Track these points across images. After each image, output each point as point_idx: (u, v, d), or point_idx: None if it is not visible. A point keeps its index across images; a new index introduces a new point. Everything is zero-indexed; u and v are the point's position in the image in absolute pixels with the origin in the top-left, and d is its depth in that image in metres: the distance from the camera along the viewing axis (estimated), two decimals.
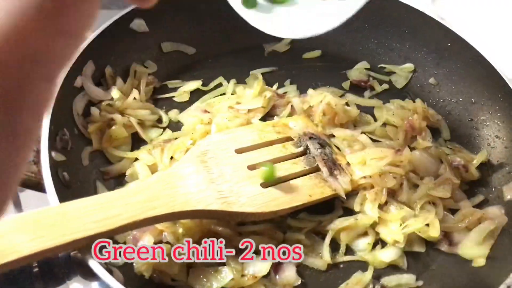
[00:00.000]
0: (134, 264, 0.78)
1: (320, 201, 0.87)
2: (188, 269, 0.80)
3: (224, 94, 1.06)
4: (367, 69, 1.14)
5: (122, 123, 0.95)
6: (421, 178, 0.93)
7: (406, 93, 1.12)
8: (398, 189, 0.91)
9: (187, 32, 1.12)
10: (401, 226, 0.86)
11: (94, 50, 0.95)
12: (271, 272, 0.81)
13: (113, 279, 0.68)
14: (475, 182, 0.96)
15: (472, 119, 1.04)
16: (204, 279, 0.78)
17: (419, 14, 1.09)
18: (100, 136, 0.93)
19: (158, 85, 1.07)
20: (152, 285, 0.78)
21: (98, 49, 0.96)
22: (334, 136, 0.99)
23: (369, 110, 1.07)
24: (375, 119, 1.05)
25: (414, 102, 1.07)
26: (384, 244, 0.87)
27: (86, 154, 0.91)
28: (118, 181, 0.91)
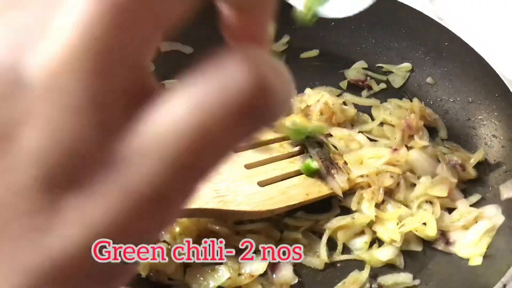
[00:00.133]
0: None
1: (317, 200, 0.87)
2: (185, 268, 0.80)
3: None
4: (365, 68, 1.15)
5: None
6: (418, 177, 0.93)
7: (403, 92, 1.12)
8: (395, 188, 0.91)
9: (185, 31, 1.11)
10: (398, 225, 0.87)
11: None
12: (268, 271, 0.82)
13: None
14: (472, 181, 0.96)
15: (469, 118, 1.05)
16: (201, 278, 0.78)
17: (417, 14, 1.10)
18: None
19: None
20: (148, 284, 0.78)
21: None
22: (331, 135, 0.99)
23: (366, 109, 1.07)
24: (373, 119, 1.05)
25: (411, 101, 1.07)
26: (381, 243, 0.87)
27: None
28: None
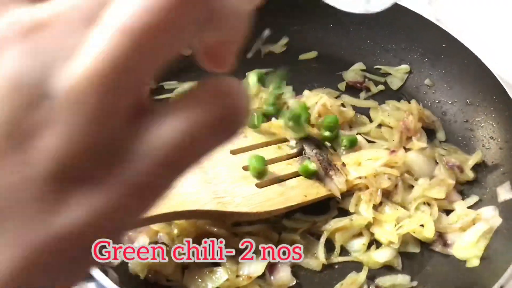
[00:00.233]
0: (129, 264, 0.79)
1: (315, 201, 0.87)
2: (183, 269, 0.80)
3: None
4: (363, 70, 1.15)
5: None
6: (416, 179, 0.93)
7: (401, 94, 1.12)
8: (393, 190, 0.91)
9: None
10: (395, 226, 0.87)
11: None
12: (266, 272, 0.82)
13: (108, 280, 0.69)
14: (470, 183, 0.97)
15: (467, 120, 1.05)
16: (199, 280, 0.79)
17: (415, 16, 1.10)
18: None
19: (155, 86, 1.07)
20: (147, 285, 0.78)
21: None
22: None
23: (364, 111, 1.07)
24: (371, 120, 1.05)
25: (409, 103, 1.07)
26: (378, 244, 0.87)
27: None
28: None
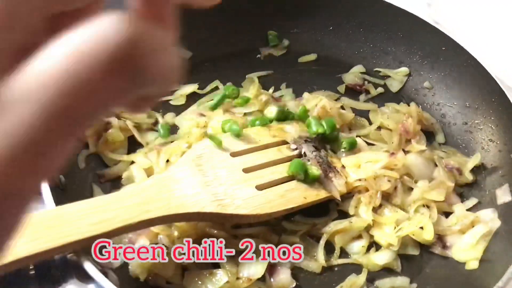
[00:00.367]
0: (129, 266, 0.79)
1: (315, 203, 0.88)
2: (183, 271, 0.80)
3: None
4: (363, 73, 1.15)
5: (119, 127, 0.95)
6: (415, 181, 0.94)
7: (401, 96, 1.12)
8: (392, 192, 0.91)
9: (183, 35, 1.11)
10: (395, 229, 0.87)
11: None
12: (266, 274, 0.82)
13: (108, 282, 0.69)
14: (469, 185, 0.97)
15: (466, 123, 1.05)
16: (199, 282, 0.79)
17: (414, 18, 1.10)
18: (96, 139, 0.94)
19: None
20: (146, 287, 0.79)
21: None
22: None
23: (364, 113, 1.07)
24: (370, 123, 1.06)
25: (408, 105, 1.07)
26: (378, 247, 0.88)
27: (83, 157, 0.91)
28: (114, 184, 0.91)
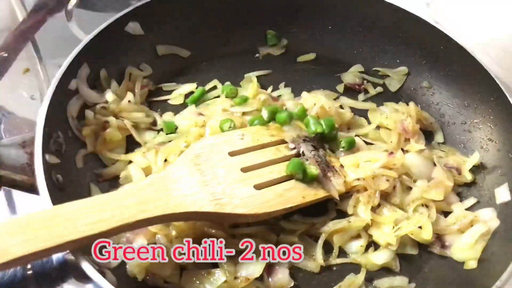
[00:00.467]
0: (127, 266, 0.79)
1: (313, 202, 0.87)
2: (181, 271, 0.80)
3: (218, 96, 1.07)
4: (361, 72, 1.15)
5: (117, 126, 0.95)
6: (414, 180, 0.93)
7: (400, 96, 1.12)
8: (391, 191, 0.91)
9: (182, 35, 1.12)
10: (394, 228, 0.87)
11: (89, 53, 0.96)
12: (264, 274, 0.82)
13: (105, 281, 0.68)
14: (468, 184, 0.97)
15: (465, 122, 1.05)
16: (197, 281, 0.78)
17: (413, 18, 1.10)
18: (94, 138, 0.93)
19: (153, 88, 1.07)
20: (145, 287, 0.78)
21: (93, 52, 0.97)
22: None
23: (363, 113, 1.07)
24: (369, 122, 1.05)
25: (407, 105, 1.07)
26: (377, 246, 0.88)
27: (80, 156, 0.91)
28: (112, 183, 0.91)
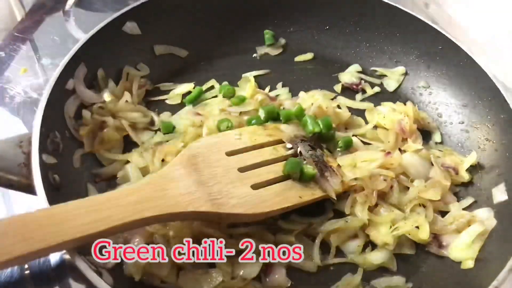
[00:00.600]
0: (124, 266, 0.79)
1: (310, 202, 0.87)
2: (178, 271, 0.80)
3: (216, 96, 1.07)
4: (359, 72, 1.15)
5: (114, 126, 0.95)
6: (411, 180, 0.94)
7: (397, 96, 1.12)
8: (388, 191, 0.91)
9: (180, 34, 1.12)
10: (391, 228, 0.87)
11: (86, 52, 0.95)
12: (261, 274, 0.82)
13: (102, 282, 0.68)
14: (465, 184, 0.97)
15: (462, 122, 1.05)
16: (194, 281, 0.78)
17: (411, 18, 1.10)
18: (92, 138, 0.93)
19: (151, 87, 1.07)
20: (142, 287, 0.78)
21: (90, 51, 0.96)
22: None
23: (360, 112, 1.07)
24: (367, 122, 1.06)
25: (405, 105, 1.07)
26: (374, 246, 0.88)
27: (78, 156, 0.91)
28: (109, 183, 0.91)
